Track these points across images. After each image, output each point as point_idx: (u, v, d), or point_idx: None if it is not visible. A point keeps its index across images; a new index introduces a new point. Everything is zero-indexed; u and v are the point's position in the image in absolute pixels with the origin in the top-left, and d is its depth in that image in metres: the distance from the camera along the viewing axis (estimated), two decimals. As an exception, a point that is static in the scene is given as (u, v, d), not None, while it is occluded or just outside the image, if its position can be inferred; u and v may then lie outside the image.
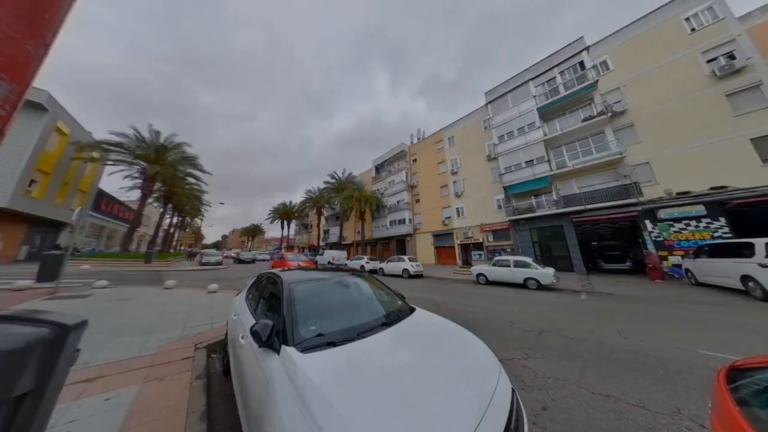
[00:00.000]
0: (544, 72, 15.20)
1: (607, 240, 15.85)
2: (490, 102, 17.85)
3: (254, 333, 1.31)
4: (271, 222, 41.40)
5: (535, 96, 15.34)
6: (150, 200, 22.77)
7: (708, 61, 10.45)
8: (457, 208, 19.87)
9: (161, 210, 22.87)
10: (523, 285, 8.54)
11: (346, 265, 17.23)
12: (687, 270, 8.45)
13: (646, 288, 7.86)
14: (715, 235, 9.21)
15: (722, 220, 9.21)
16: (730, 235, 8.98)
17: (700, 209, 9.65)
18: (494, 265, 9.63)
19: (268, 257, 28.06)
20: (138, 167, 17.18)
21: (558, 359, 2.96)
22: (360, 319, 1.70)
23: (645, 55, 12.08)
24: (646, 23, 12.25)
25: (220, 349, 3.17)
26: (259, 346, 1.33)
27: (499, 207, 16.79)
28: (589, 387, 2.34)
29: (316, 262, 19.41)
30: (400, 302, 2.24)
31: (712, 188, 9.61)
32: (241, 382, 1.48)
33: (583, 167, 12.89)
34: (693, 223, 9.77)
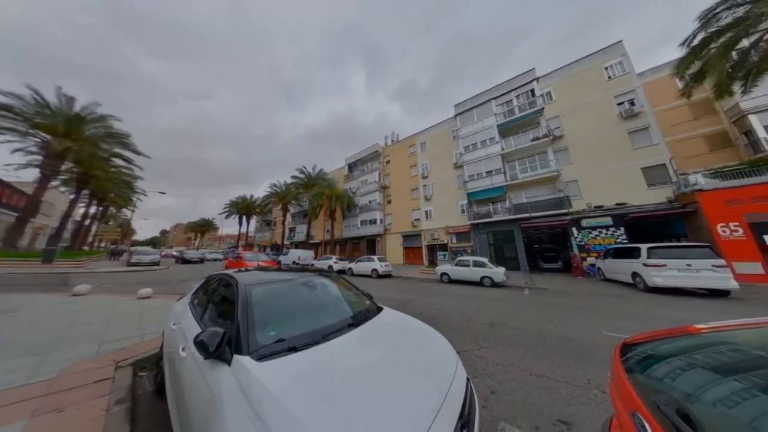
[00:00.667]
0: (504, 94, 17.16)
1: (546, 243, 18.69)
2: (458, 114, 19.31)
3: (199, 343, 1.14)
4: (227, 217, 36.74)
5: (495, 114, 17.18)
6: (55, 183, 17.92)
7: (618, 104, 13.29)
8: (425, 211, 20.87)
9: (72, 196, 18.18)
10: (480, 283, 9.46)
11: (312, 265, 16.46)
12: (598, 268, 10.55)
13: (571, 284, 9.53)
14: (617, 241, 11.72)
15: (622, 230, 11.78)
16: (626, 241, 11.54)
17: (608, 220, 12.17)
18: (456, 265, 10.42)
19: (221, 257, 24.86)
20: (38, 140, 13.33)
21: (505, 348, 3.36)
22: (326, 321, 1.64)
23: (577, 92, 14.70)
24: (579, 66, 14.93)
25: (152, 365, 2.68)
26: (206, 358, 1.17)
27: (463, 211, 18.25)
28: (528, 370, 2.72)
29: (279, 262, 18.04)
30: (368, 302, 2.23)
31: (616, 204, 12.22)
32: (180, 401, 1.27)
33: (531, 180, 14.98)
34: (603, 231, 12.26)
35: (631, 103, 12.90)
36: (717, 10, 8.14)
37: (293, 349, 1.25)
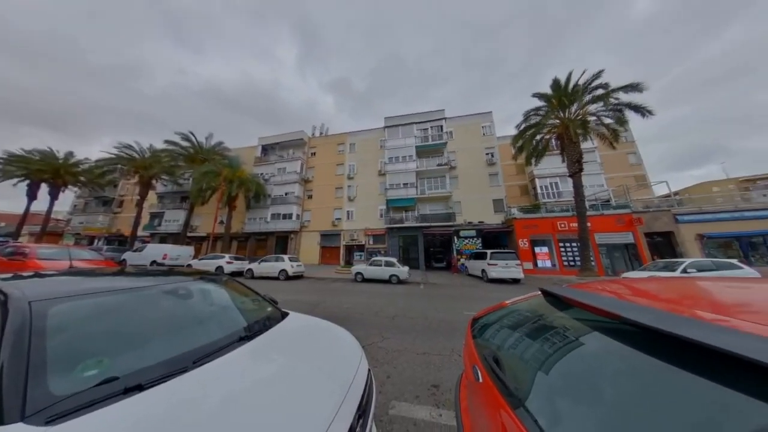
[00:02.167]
0: (423, 122, 20.61)
1: (437, 247, 23.83)
2: (387, 126, 21.13)
3: None
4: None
5: (416, 136, 20.25)
6: None
7: (486, 154, 19.36)
8: (348, 211, 21.00)
9: None
10: (389, 280, 10.61)
11: (189, 266, 12.24)
12: (465, 266, 14.71)
13: (450, 278, 12.66)
14: (476, 247, 16.87)
15: (480, 240, 17.10)
16: (481, 248, 16.84)
17: (474, 233, 17.31)
18: (371, 264, 11.16)
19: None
20: None
21: (402, 335, 3.93)
22: (204, 339, 1.26)
23: (467, 137, 20.09)
24: (469, 119, 20.52)
25: None
26: None
27: (381, 216, 19.92)
28: (416, 350, 3.32)
29: (120, 262, 12.24)
30: (270, 308, 1.93)
31: (479, 222, 17.62)
32: None
33: (433, 196, 18.75)
34: (471, 240, 17.28)
35: (492, 155, 19.18)
36: (530, 114, 13.81)
37: (135, 389, 0.86)
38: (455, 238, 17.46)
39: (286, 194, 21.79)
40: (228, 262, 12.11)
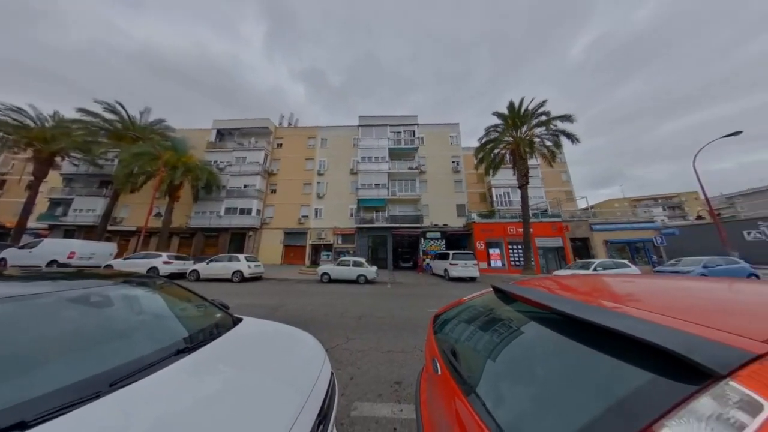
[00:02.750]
0: (397, 125, 21.09)
1: (405, 248, 24.66)
2: (361, 125, 20.95)
3: None
4: None
5: (389, 138, 20.59)
6: None
7: (452, 162, 20.88)
8: (316, 209, 20.07)
9: None
10: (356, 281, 10.50)
11: (109, 266, 9.94)
12: (430, 266, 15.56)
13: (416, 278, 13.22)
14: (441, 248, 18.03)
15: (444, 241, 18.33)
16: (444, 249, 18.06)
17: (439, 234, 18.46)
18: (338, 264, 10.88)
19: None
20: None
21: (368, 335, 3.93)
22: (127, 356, 1.04)
23: (436, 145, 21.32)
24: (439, 128, 21.85)
25: None
26: None
27: (351, 215, 19.62)
28: (381, 349, 3.36)
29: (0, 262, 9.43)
30: (219, 314, 1.72)
31: (444, 224, 18.87)
32: None
33: (403, 198, 19.34)
34: (436, 241, 18.38)
35: (457, 164, 20.79)
36: (490, 130, 15.45)
37: (13, 429, 0.66)
38: (422, 239, 18.32)
39: (245, 187, 19.63)
40: (165, 262, 10.28)
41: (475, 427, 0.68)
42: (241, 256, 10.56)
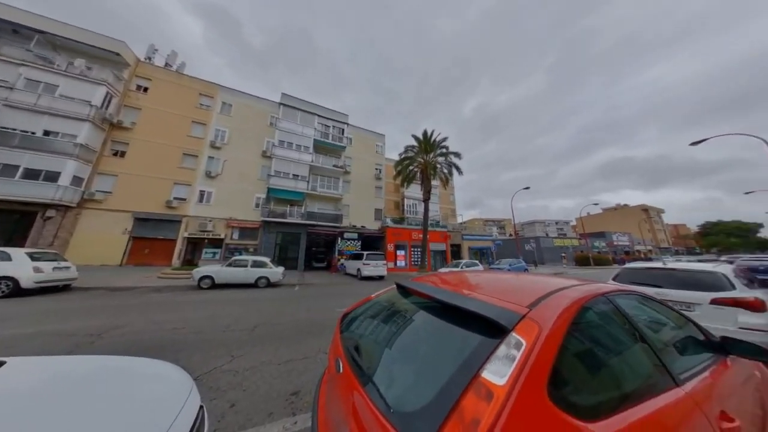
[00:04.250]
0: (326, 118, 19.99)
1: (320, 247, 23.53)
2: (284, 104, 18.16)
3: None
4: None
5: (316, 129, 19.12)
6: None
7: (375, 169, 22.40)
8: (202, 191, 15.12)
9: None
10: (255, 284, 8.78)
11: None
12: (344, 266, 15.70)
13: (328, 278, 12.86)
14: (356, 249, 18.66)
15: (360, 242, 19.12)
16: (360, 249, 18.84)
17: (356, 235, 19.07)
18: (229, 265, 8.68)
19: None
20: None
21: (263, 348, 3.36)
22: None
23: (363, 149, 22.11)
24: (367, 134, 22.87)
25: None
26: None
27: (257, 205, 16.36)
28: (278, 361, 2.97)
29: None
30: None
31: (361, 226, 19.69)
32: None
33: (325, 195, 18.47)
34: (352, 242, 18.84)
35: (380, 171, 22.56)
36: (408, 148, 18.05)
37: None
38: (339, 239, 18.20)
39: (47, 134, 11.60)
40: None
41: (368, 412, 0.75)
42: (23, 252, 6.10)
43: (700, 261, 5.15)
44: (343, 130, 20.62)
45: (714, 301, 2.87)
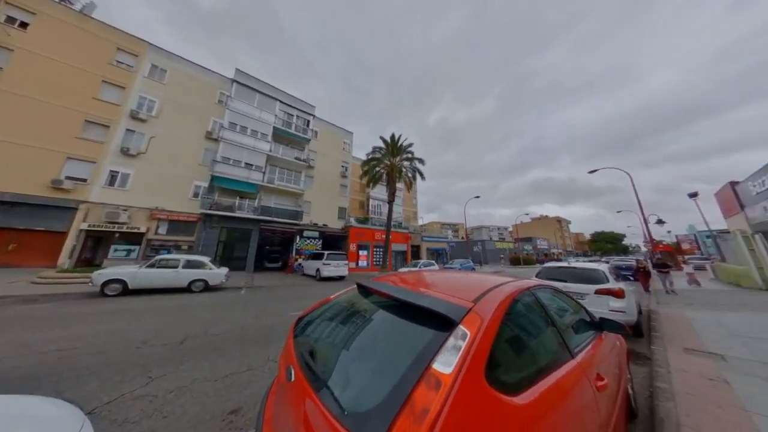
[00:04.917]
0: (289, 105, 18.42)
1: (275, 246, 21.45)
2: (237, 82, 15.91)
3: None
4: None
5: (277, 116, 17.39)
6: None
7: (341, 166, 21.78)
8: (114, 171, 11.91)
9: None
10: (188, 289, 7.39)
11: None
12: (302, 266, 14.71)
13: (283, 279, 11.81)
14: (317, 248, 17.75)
15: (321, 241, 18.24)
16: (320, 249, 17.97)
17: (316, 234, 18.12)
18: (152, 266, 7.06)
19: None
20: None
21: (195, 363, 2.84)
22: None
23: (329, 144, 21.23)
24: (335, 129, 22.08)
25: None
26: None
27: (196, 195, 13.85)
28: (215, 376, 2.56)
29: None
30: None
31: (322, 224, 18.83)
32: None
33: (283, 189, 16.93)
34: (313, 240, 17.82)
35: (346, 169, 22.05)
36: (375, 149, 18.21)
37: None
38: (297, 237, 16.98)
39: None
40: None
41: (321, 418, 0.72)
42: None
43: (590, 261, 6.82)
44: (308, 121, 19.36)
45: (597, 291, 3.83)
